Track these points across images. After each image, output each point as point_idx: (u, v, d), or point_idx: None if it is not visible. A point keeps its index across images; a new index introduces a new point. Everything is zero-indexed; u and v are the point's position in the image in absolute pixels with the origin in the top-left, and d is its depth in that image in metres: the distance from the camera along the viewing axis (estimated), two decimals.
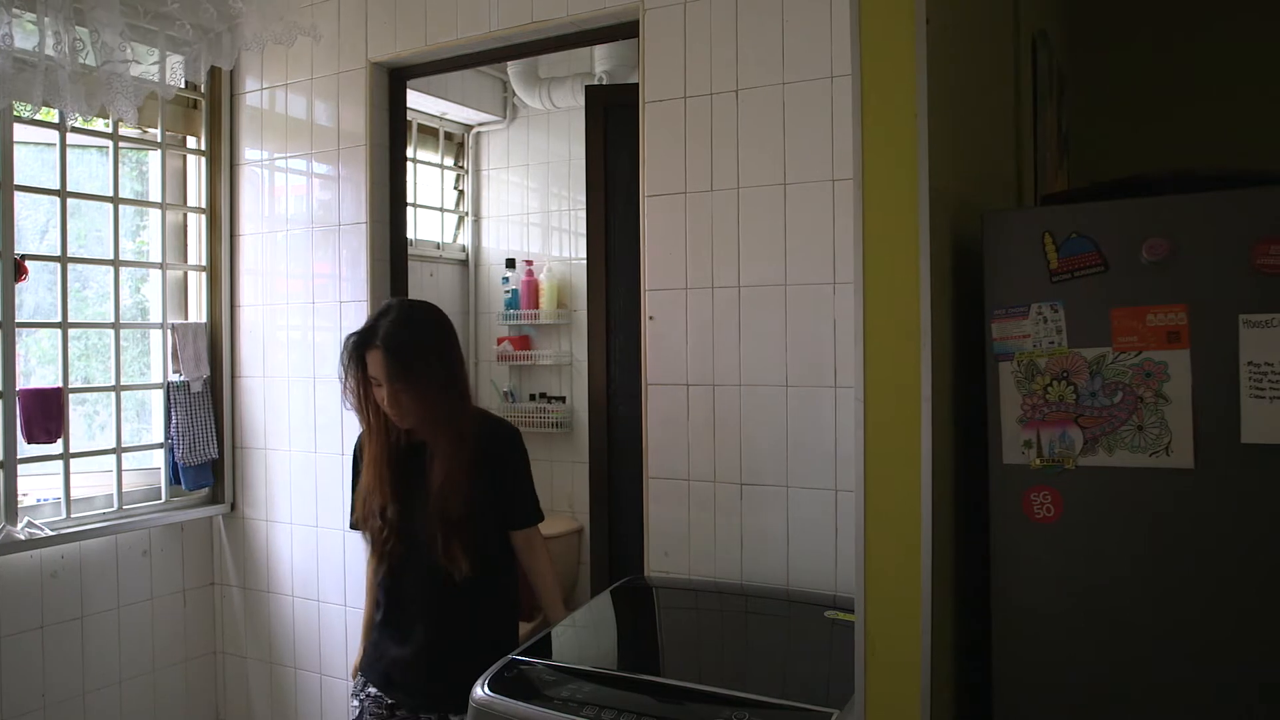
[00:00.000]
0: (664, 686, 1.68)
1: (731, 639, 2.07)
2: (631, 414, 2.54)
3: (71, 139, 2.76)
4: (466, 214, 4.28)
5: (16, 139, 2.58)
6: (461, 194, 4.28)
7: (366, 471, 2.07)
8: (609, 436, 2.81)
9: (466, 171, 4.27)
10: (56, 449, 2.68)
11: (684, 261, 2.28)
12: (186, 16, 2.57)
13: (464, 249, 4.26)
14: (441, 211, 4.19)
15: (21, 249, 2.61)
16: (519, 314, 4.01)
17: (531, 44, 2.59)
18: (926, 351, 1.36)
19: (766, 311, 2.19)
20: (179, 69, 2.63)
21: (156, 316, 3.03)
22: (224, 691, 3.14)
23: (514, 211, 4.20)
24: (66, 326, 2.72)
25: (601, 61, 3.56)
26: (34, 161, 2.80)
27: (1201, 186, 1.43)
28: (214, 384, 3.10)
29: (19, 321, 2.60)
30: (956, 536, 1.54)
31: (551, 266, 4.03)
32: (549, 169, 4.11)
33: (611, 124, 2.83)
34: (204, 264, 3.11)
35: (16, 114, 2.56)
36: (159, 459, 3.00)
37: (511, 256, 4.10)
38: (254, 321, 3.08)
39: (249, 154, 3.08)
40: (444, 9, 2.64)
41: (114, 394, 2.86)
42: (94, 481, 2.85)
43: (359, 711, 2.12)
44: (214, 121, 3.10)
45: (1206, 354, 1.38)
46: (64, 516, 2.69)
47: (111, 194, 2.85)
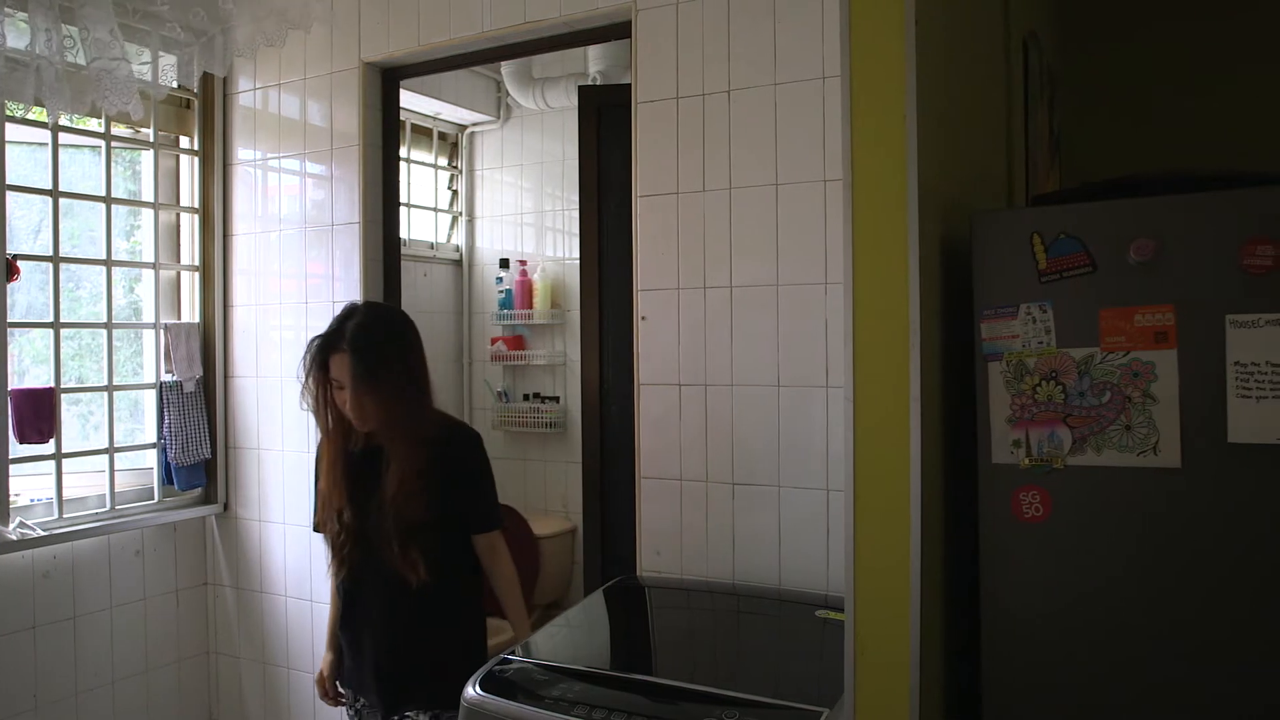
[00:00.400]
0: (656, 686, 1.68)
1: (723, 638, 2.08)
2: (625, 414, 2.55)
3: (64, 139, 2.76)
4: (460, 214, 4.27)
5: (9, 139, 2.58)
6: (455, 194, 4.28)
7: (324, 475, 2.06)
8: (602, 436, 2.81)
9: (460, 171, 4.27)
10: (49, 449, 2.67)
11: (676, 262, 2.29)
12: (176, 18, 2.57)
13: (458, 249, 4.26)
14: (436, 211, 4.19)
15: (14, 249, 2.60)
16: (513, 314, 4.00)
17: (524, 44, 2.60)
18: (915, 351, 1.37)
19: (758, 311, 2.19)
20: (171, 71, 2.64)
21: (150, 316, 3.03)
22: (217, 692, 3.14)
23: (508, 211, 4.20)
24: (59, 326, 2.72)
25: (595, 62, 3.56)
26: (27, 161, 2.79)
27: (1192, 187, 1.43)
28: (207, 384, 3.10)
29: (11, 321, 2.59)
30: (946, 537, 1.54)
31: (545, 266, 4.03)
32: (543, 169, 4.11)
33: (604, 124, 2.83)
34: (197, 264, 3.11)
35: (9, 114, 2.56)
36: (152, 459, 3.00)
37: (505, 256, 4.10)
38: (247, 321, 3.07)
39: (242, 154, 3.08)
40: (437, 9, 2.64)
41: (106, 394, 2.85)
42: (87, 482, 2.85)
43: None
44: (207, 121, 3.09)
45: (1194, 354, 1.38)
46: (56, 516, 2.69)
47: (104, 194, 2.85)
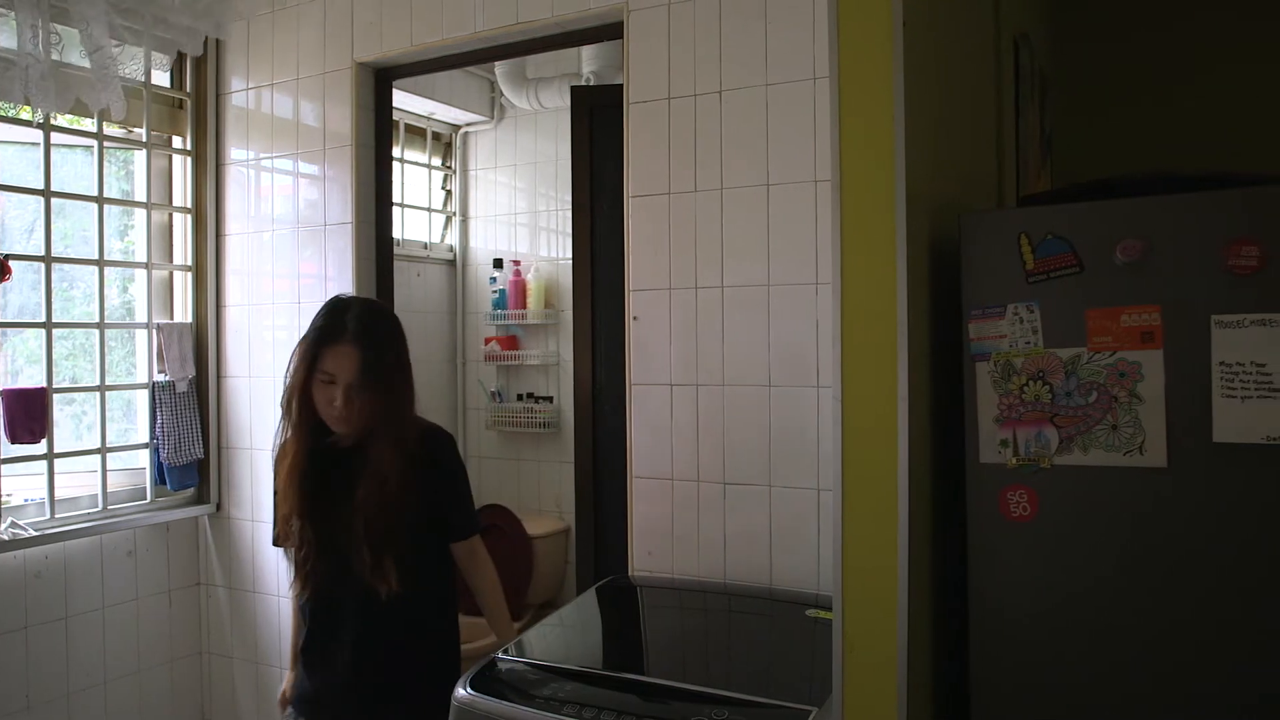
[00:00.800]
0: (647, 685, 1.69)
1: (714, 637, 2.08)
2: (617, 414, 2.55)
3: (56, 139, 2.75)
4: (454, 214, 4.27)
5: (1, 138, 2.58)
6: (449, 194, 4.28)
7: (285, 479, 1.90)
8: (595, 436, 2.81)
9: (454, 171, 4.27)
10: (41, 449, 2.67)
11: (668, 262, 2.29)
12: (149, 8, 2.56)
13: (451, 249, 4.26)
14: (429, 211, 4.19)
15: (7, 248, 2.60)
16: (506, 314, 4.00)
17: (517, 45, 2.60)
18: (904, 351, 1.38)
19: (750, 312, 2.20)
20: (167, 59, 2.62)
21: (142, 316, 3.02)
22: (209, 691, 3.14)
23: (501, 211, 4.20)
24: (51, 326, 2.71)
25: (589, 62, 3.56)
26: (19, 161, 2.79)
27: (1181, 187, 1.44)
28: (199, 384, 3.09)
29: (3, 321, 2.59)
30: (934, 536, 1.55)
31: (539, 267, 4.03)
32: (536, 169, 4.11)
33: (597, 125, 2.84)
34: (190, 264, 3.11)
35: (1, 113, 2.56)
36: (144, 459, 3.00)
37: (499, 256, 4.10)
38: (240, 321, 3.07)
39: (235, 154, 3.08)
40: (429, 10, 2.65)
41: (99, 394, 2.85)
42: (79, 482, 2.84)
43: None
44: (200, 121, 3.09)
45: (1179, 354, 1.39)
46: (48, 517, 2.68)
47: (97, 194, 2.84)
